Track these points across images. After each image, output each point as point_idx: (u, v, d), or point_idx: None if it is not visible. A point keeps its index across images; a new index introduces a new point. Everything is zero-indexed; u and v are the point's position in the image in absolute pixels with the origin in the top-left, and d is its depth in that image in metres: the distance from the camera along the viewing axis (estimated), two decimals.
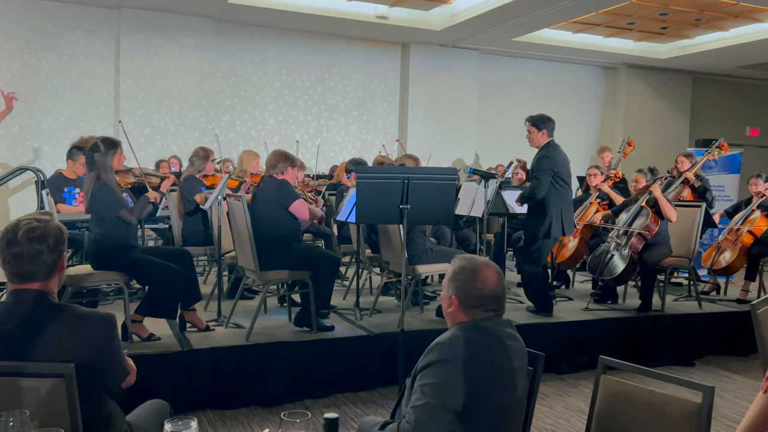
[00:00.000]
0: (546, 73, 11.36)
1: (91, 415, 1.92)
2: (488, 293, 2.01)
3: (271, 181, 4.60)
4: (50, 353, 1.86)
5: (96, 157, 4.02)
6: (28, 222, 1.91)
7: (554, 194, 4.97)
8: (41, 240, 1.89)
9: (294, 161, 4.69)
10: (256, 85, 9.65)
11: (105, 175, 4.04)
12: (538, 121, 5.06)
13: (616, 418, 2.07)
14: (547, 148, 5.03)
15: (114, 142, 4.11)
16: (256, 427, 3.76)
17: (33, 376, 1.83)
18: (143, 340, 4.15)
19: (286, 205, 4.49)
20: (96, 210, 4.06)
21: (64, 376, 1.82)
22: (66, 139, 8.04)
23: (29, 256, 1.88)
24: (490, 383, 1.93)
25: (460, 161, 10.55)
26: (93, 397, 1.95)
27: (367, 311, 5.11)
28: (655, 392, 2.01)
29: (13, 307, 1.91)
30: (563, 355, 4.96)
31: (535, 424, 3.82)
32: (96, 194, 4.01)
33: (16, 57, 8.31)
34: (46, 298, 1.94)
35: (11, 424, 1.46)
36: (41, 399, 1.82)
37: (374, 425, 1.99)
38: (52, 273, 1.94)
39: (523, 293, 5.52)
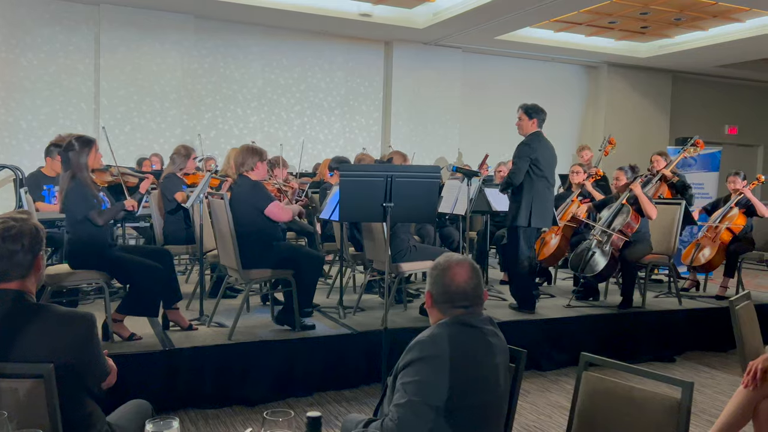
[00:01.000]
0: (528, 72, 11.42)
1: (71, 416, 1.90)
2: (455, 289, 2.02)
3: (245, 181, 4.53)
4: (28, 353, 1.83)
5: (71, 155, 3.96)
6: (4, 221, 1.89)
7: (527, 182, 5.00)
8: (15, 239, 1.87)
9: (262, 154, 4.57)
10: (238, 82, 9.59)
11: (80, 174, 3.97)
12: (530, 109, 5.12)
13: (597, 413, 2.09)
14: (530, 136, 5.07)
15: (89, 140, 4.04)
16: (239, 427, 3.75)
17: (11, 377, 1.81)
18: (124, 340, 4.11)
19: (261, 207, 4.43)
20: (69, 210, 4.00)
21: (43, 377, 1.80)
22: (45, 137, 7.94)
23: (3, 256, 1.86)
24: (471, 380, 1.94)
25: (443, 159, 10.57)
26: (73, 397, 1.93)
27: (350, 309, 5.11)
28: (636, 388, 2.03)
29: None
30: (545, 352, 4.99)
31: (517, 420, 3.83)
32: (69, 194, 3.95)
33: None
34: (24, 298, 1.92)
35: None
36: (20, 400, 1.80)
37: (358, 423, 2.00)
38: (29, 272, 1.91)
39: (506, 291, 5.53)
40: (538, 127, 5.11)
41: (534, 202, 5.01)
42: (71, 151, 3.96)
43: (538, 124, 5.11)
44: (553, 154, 5.19)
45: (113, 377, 2.15)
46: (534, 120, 5.10)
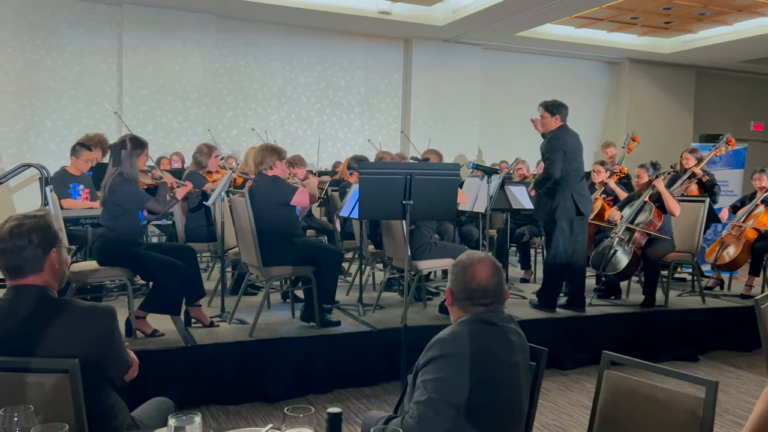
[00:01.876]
0: (549, 69, 11.33)
1: (95, 409, 1.93)
2: (475, 287, 2.01)
3: (264, 178, 4.57)
4: (52, 348, 1.87)
5: (123, 154, 4.05)
6: (16, 219, 1.95)
7: (566, 182, 4.97)
8: (23, 236, 1.91)
9: (281, 154, 4.62)
10: (258, 81, 9.65)
11: (129, 173, 4.06)
12: (551, 106, 5.08)
13: (619, 413, 2.07)
14: (556, 131, 5.04)
15: (141, 142, 4.15)
16: (259, 423, 3.77)
17: (37, 371, 1.84)
18: (147, 336, 4.16)
19: (286, 201, 4.47)
20: (114, 204, 4.06)
21: (68, 372, 1.82)
22: (70, 136, 8.06)
23: (13, 251, 1.91)
24: (492, 378, 1.93)
25: (463, 157, 10.53)
26: (95, 390, 1.96)
27: (370, 307, 5.12)
28: (659, 387, 2.01)
29: (13, 303, 1.92)
30: (566, 351, 4.96)
31: (537, 419, 3.81)
32: (116, 188, 4.03)
33: (20, 54, 8.31)
34: (46, 294, 1.95)
35: (16, 420, 1.46)
36: (45, 394, 1.83)
37: (378, 420, 2.00)
38: (41, 267, 1.95)
39: (526, 288, 5.49)
40: (561, 122, 5.08)
41: (574, 192, 4.97)
42: (123, 150, 4.04)
43: (562, 119, 5.07)
44: (580, 144, 5.14)
45: (135, 370, 2.17)
46: (557, 116, 5.06)
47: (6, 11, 8.19)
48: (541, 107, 5.13)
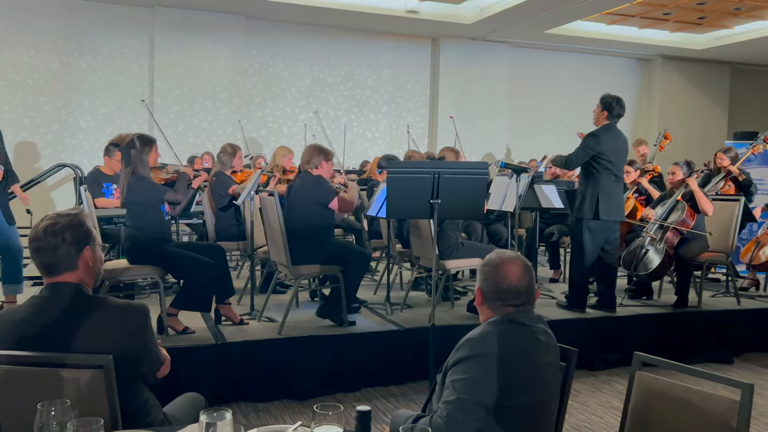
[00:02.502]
0: (579, 66, 11.20)
1: (128, 405, 1.96)
2: (507, 287, 1.99)
3: (308, 176, 4.62)
4: (86, 344, 1.90)
5: (132, 153, 4.10)
6: (50, 218, 1.99)
7: (595, 174, 4.92)
8: (57, 234, 1.95)
9: (328, 155, 4.69)
10: (287, 81, 9.71)
11: (141, 171, 4.11)
12: (605, 101, 5.03)
13: (651, 414, 2.04)
14: (599, 129, 4.99)
15: (149, 139, 4.19)
16: (288, 420, 3.80)
17: (73, 367, 1.88)
18: (178, 333, 4.22)
19: (325, 202, 4.51)
20: (135, 203, 4.13)
21: (102, 367, 1.86)
22: (103, 136, 8.22)
23: (47, 249, 1.95)
24: (521, 379, 1.92)
25: (491, 155, 10.47)
26: (129, 386, 1.99)
27: (397, 306, 5.12)
28: (692, 389, 1.97)
29: (49, 300, 1.96)
30: (596, 352, 4.90)
31: (567, 420, 3.78)
32: (133, 187, 4.09)
33: (55, 57, 8.50)
34: (81, 291, 1.99)
35: (53, 414, 1.50)
36: (81, 389, 1.87)
37: (407, 419, 2.00)
38: (76, 265, 1.98)
39: (556, 288, 5.44)
40: (607, 120, 5.01)
41: (600, 195, 4.90)
42: (133, 149, 4.10)
43: (608, 117, 5.00)
44: (624, 147, 5.06)
45: (167, 367, 2.21)
46: (605, 113, 5.00)
47: (42, 14, 8.38)
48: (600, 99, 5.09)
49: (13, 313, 1.99)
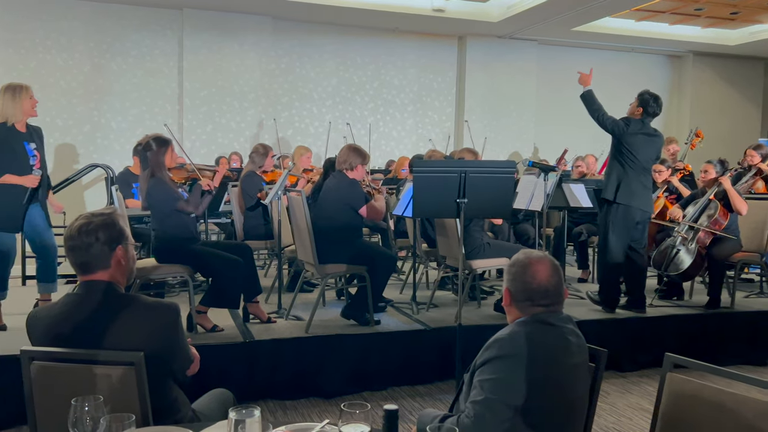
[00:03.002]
0: (608, 63, 11.05)
1: (159, 402, 1.99)
2: (536, 287, 1.98)
3: (342, 178, 4.62)
4: (118, 341, 1.94)
5: (149, 155, 4.14)
6: (84, 217, 2.03)
7: (618, 168, 4.87)
8: (90, 233, 1.99)
9: (365, 158, 4.66)
10: (313, 81, 9.76)
11: (159, 173, 4.14)
12: (641, 97, 5.00)
13: (683, 417, 2.01)
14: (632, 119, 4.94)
15: (165, 140, 4.21)
16: (315, 418, 3.82)
17: (105, 363, 1.92)
18: (207, 331, 4.28)
19: (356, 207, 4.51)
20: (154, 207, 4.19)
21: (133, 364, 1.89)
22: (134, 137, 8.34)
23: (81, 248, 1.98)
24: (550, 380, 1.90)
25: (518, 154, 10.40)
26: (159, 384, 2.02)
27: (423, 305, 5.12)
28: (725, 391, 1.94)
29: (83, 298, 2.00)
30: (626, 353, 4.83)
31: (596, 421, 3.73)
32: (151, 191, 4.13)
33: (87, 59, 8.66)
34: (113, 289, 2.03)
35: (86, 409, 1.53)
36: (113, 385, 1.90)
37: (434, 418, 2.00)
38: (108, 264, 2.02)
39: (584, 288, 5.38)
40: (641, 116, 4.96)
41: (623, 180, 4.85)
42: (149, 151, 4.14)
43: (642, 114, 4.95)
44: (655, 146, 4.99)
45: (197, 365, 2.24)
46: (640, 109, 4.96)
47: (75, 18, 8.55)
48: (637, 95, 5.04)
49: (48, 311, 2.04)
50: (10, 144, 4.16)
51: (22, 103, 4.18)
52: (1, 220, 4.18)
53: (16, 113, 4.17)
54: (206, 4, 8.71)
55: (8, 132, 4.16)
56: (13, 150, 4.17)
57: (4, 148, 4.14)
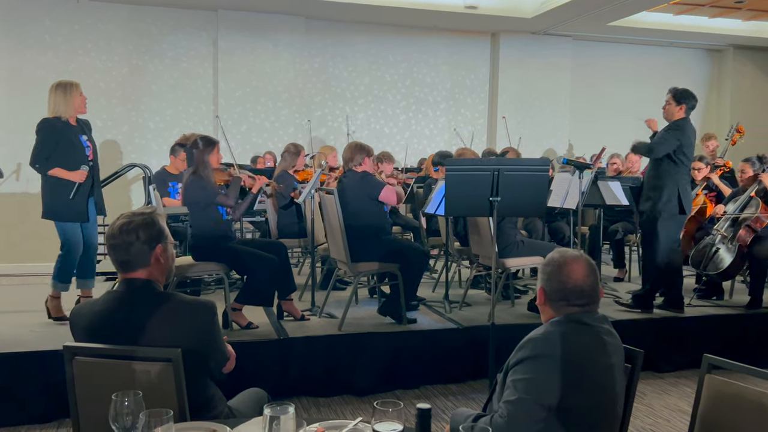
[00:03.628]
0: (644, 58, 10.85)
1: (196, 398, 2.03)
2: (572, 287, 1.96)
3: (353, 174, 4.66)
4: (156, 338, 1.98)
5: (195, 153, 4.24)
6: (125, 216, 2.08)
7: (673, 168, 4.76)
8: (131, 232, 2.03)
9: (369, 151, 4.72)
10: (346, 80, 9.80)
11: (203, 171, 4.23)
12: (680, 94, 4.86)
13: (722, 419, 1.97)
14: (679, 121, 4.83)
15: (212, 141, 4.31)
16: (348, 415, 3.84)
17: (144, 360, 1.96)
18: (242, 328, 4.34)
19: (375, 195, 4.54)
20: (192, 203, 4.26)
21: (171, 361, 1.93)
22: (170, 137, 8.49)
23: (122, 247, 2.03)
24: (585, 380, 1.88)
25: (553, 151, 10.28)
26: (196, 380, 2.06)
27: (456, 304, 5.10)
28: (766, 394, 1.89)
29: (123, 295, 2.05)
30: (663, 353, 4.74)
31: (632, 423, 3.68)
32: (189, 185, 4.22)
33: (125, 61, 8.84)
34: (152, 287, 2.07)
35: (126, 404, 1.57)
36: (152, 381, 1.94)
37: (467, 417, 2.00)
38: (148, 262, 2.06)
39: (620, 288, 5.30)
40: (685, 114, 4.85)
41: (680, 187, 4.75)
42: (195, 149, 4.23)
43: (686, 111, 4.85)
44: (694, 143, 4.91)
45: (232, 362, 2.27)
46: (682, 106, 4.84)
47: (114, 21, 8.74)
48: (669, 93, 4.92)
49: (90, 307, 2.09)
50: (68, 137, 4.34)
51: (73, 99, 4.35)
52: (67, 212, 4.34)
53: (68, 109, 4.35)
54: (240, 5, 8.81)
55: (64, 126, 4.35)
56: (71, 142, 4.35)
57: (63, 141, 4.32)
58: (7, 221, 7.94)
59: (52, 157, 4.29)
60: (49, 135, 4.29)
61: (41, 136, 4.31)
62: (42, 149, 4.30)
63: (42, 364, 3.72)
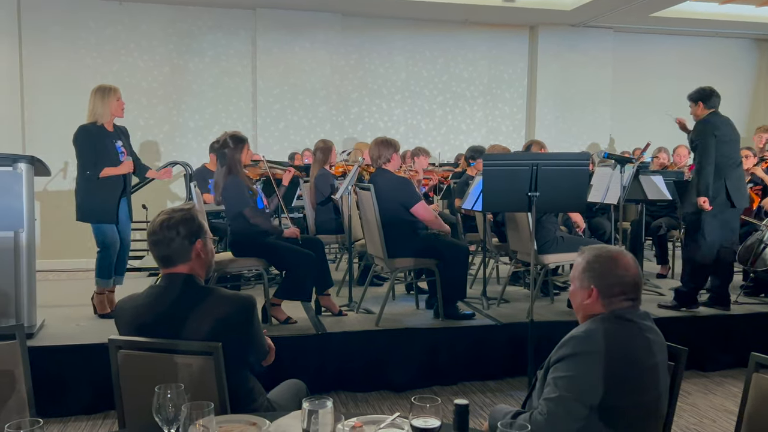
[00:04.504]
0: (688, 50, 10.57)
1: (236, 391, 2.07)
2: (630, 280, 1.93)
3: (388, 175, 4.63)
4: (198, 331, 2.01)
5: (226, 152, 4.29)
6: (166, 213, 2.13)
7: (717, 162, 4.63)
8: (172, 228, 2.07)
9: (397, 146, 4.68)
10: (382, 76, 9.80)
11: (235, 169, 4.29)
12: (695, 95, 4.77)
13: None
14: (706, 116, 4.71)
15: (241, 138, 4.35)
16: (386, 411, 3.86)
17: (185, 353, 2.00)
18: (281, 323, 4.39)
19: (407, 205, 4.51)
20: (229, 203, 4.33)
21: (212, 354, 1.96)
22: (210, 135, 8.62)
23: (163, 242, 2.08)
24: (628, 378, 1.85)
25: (594, 146, 10.10)
26: (237, 373, 2.09)
27: (494, 300, 5.06)
28: None
29: (165, 290, 2.10)
30: (708, 352, 4.62)
31: (677, 422, 3.60)
32: (228, 188, 4.28)
33: (166, 61, 9.01)
34: (193, 281, 2.11)
35: (169, 396, 1.60)
36: (193, 374, 1.98)
37: (506, 414, 1.98)
38: (189, 257, 2.10)
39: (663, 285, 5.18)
40: (709, 108, 4.73)
41: (728, 181, 4.62)
42: (227, 149, 4.28)
43: (708, 106, 4.72)
44: (735, 130, 4.75)
45: (272, 356, 2.30)
46: (700, 104, 4.73)
47: (155, 22, 8.91)
48: (689, 100, 4.82)
49: (133, 301, 2.14)
50: (103, 142, 4.45)
51: (109, 104, 4.45)
52: (101, 213, 4.47)
53: (104, 113, 4.46)
54: (278, 3, 8.89)
55: (99, 131, 4.46)
56: (106, 147, 4.46)
57: (99, 146, 4.43)
58: (56, 218, 8.19)
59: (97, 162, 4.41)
60: (87, 140, 4.41)
61: (80, 143, 4.44)
62: (87, 156, 4.42)
63: (88, 357, 3.83)
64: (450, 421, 1.63)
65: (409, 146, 8.41)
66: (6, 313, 3.95)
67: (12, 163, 3.97)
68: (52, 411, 3.75)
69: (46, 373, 3.66)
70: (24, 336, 2.15)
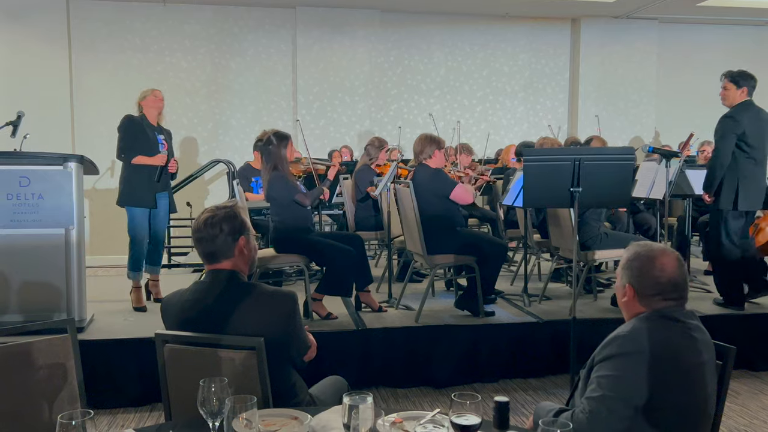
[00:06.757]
0: (737, 40, 10.23)
1: (279, 386, 2.09)
2: (666, 281, 1.88)
3: (425, 170, 4.63)
4: (241, 327, 2.05)
5: (271, 149, 4.36)
6: (210, 210, 2.17)
7: (734, 159, 4.48)
8: (215, 225, 2.12)
9: (440, 143, 4.68)
10: (421, 72, 9.77)
11: (280, 165, 4.35)
12: (738, 76, 4.57)
13: None
14: (737, 108, 4.52)
15: (285, 135, 4.43)
16: (426, 407, 3.85)
17: (229, 347, 2.04)
18: (322, 319, 4.43)
19: (446, 193, 4.50)
20: (274, 198, 4.40)
21: (255, 349, 2.00)
22: (252, 133, 8.74)
23: (207, 239, 2.12)
24: (674, 378, 1.81)
25: (638, 139, 9.88)
26: (279, 368, 2.12)
27: (535, 297, 5.01)
28: None
29: (209, 285, 2.14)
30: (759, 350, 4.49)
31: (725, 423, 3.50)
32: (273, 184, 4.35)
33: (209, 60, 9.17)
34: (237, 277, 2.15)
35: (213, 390, 1.63)
36: (236, 369, 2.02)
37: (549, 411, 1.97)
38: (232, 254, 2.13)
39: (711, 282, 5.04)
40: (748, 96, 4.55)
41: (740, 182, 4.47)
42: (271, 146, 4.35)
43: (749, 93, 4.55)
44: (765, 126, 4.58)
45: (314, 351, 2.32)
46: (743, 89, 4.53)
47: (198, 22, 9.08)
48: (724, 77, 4.62)
49: (179, 296, 2.19)
50: (144, 131, 4.77)
51: (146, 99, 4.85)
52: (138, 197, 4.76)
53: (144, 108, 4.85)
54: (318, 1, 8.95)
55: (142, 120, 4.82)
56: (147, 137, 4.77)
57: (142, 135, 4.75)
58: (104, 216, 8.42)
59: (134, 148, 4.72)
60: (129, 127, 4.76)
61: (123, 128, 4.78)
62: (125, 140, 4.75)
63: (136, 350, 3.94)
64: (490, 419, 1.62)
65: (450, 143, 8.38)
66: (57, 308, 4.11)
67: (62, 163, 4.13)
68: (102, 403, 3.87)
69: (96, 366, 3.78)
70: (75, 330, 2.21)
